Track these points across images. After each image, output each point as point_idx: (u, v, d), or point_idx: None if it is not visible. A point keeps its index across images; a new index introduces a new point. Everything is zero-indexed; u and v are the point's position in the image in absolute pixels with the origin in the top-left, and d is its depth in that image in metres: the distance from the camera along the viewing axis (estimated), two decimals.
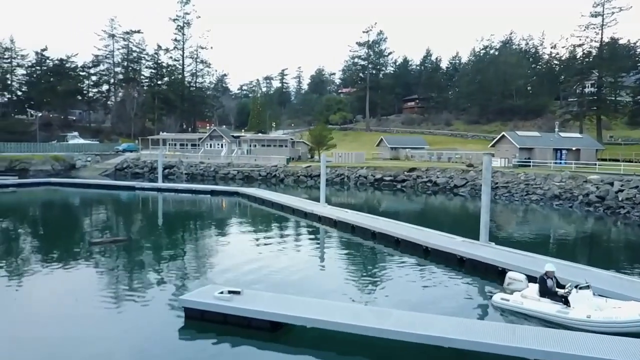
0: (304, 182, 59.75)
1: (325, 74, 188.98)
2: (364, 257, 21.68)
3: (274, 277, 17.43)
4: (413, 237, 21.76)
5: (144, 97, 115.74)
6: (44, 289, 16.06)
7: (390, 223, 25.41)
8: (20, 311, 13.76)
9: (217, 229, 28.44)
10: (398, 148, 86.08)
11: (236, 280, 16.58)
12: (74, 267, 18.59)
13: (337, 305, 12.59)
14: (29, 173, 67.05)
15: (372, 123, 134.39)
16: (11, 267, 18.99)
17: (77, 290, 15.83)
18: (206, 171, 67.23)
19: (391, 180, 56.89)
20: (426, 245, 20.76)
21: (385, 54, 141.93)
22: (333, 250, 23.17)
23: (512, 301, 13.93)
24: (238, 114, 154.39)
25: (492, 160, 56.34)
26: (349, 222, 26.42)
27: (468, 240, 20.93)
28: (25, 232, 27.61)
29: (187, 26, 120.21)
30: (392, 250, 21.97)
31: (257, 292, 13.43)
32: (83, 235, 25.39)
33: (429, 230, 23.26)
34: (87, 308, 13.94)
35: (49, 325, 12.68)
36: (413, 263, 19.71)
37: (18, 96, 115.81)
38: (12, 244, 24.49)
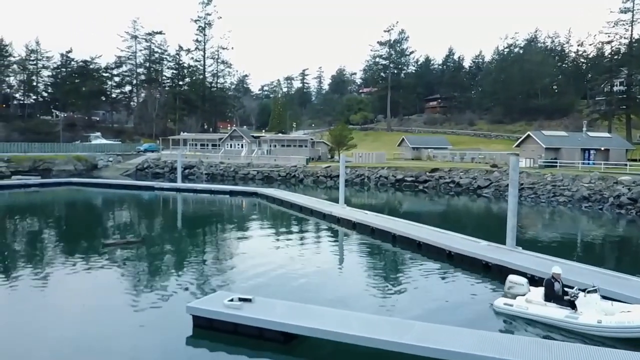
0: (324, 183, 59.01)
1: (346, 74, 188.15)
2: (383, 261, 20.82)
3: (288, 282, 16.71)
4: (435, 241, 20.81)
5: (166, 97, 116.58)
6: (50, 292, 15.64)
7: (412, 226, 24.48)
8: (22, 313, 13.30)
9: (233, 231, 27.86)
10: (420, 148, 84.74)
11: (248, 285, 15.94)
12: (85, 269, 18.16)
13: (355, 315, 11.78)
14: (52, 173, 67.73)
15: (394, 123, 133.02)
16: (20, 267, 18.70)
17: (84, 293, 15.38)
18: (226, 171, 67.00)
19: (413, 181, 55.76)
20: (449, 250, 19.81)
21: (407, 53, 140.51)
22: (351, 254, 22.37)
23: (515, 306, 13.29)
24: (259, 115, 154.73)
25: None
26: (369, 224, 25.57)
27: (494, 244, 19.91)
28: (40, 232, 27.46)
29: (208, 27, 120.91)
30: (413, 255, 21.06)
31: (269, 300, 12.69)
32: (98, 236, 25.04)
33: (452, 234, 22.28)
34: (93, 313, 13.41)
35: (50, 330, 12.16)
36: (435, 268, 18.78)
37: (43, 97, 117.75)
38: (25, 243, 24.31)
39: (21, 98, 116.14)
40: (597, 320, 11.69)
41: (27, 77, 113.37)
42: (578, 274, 15.15)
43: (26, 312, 13.46)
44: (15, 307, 14.02)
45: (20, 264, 19.31)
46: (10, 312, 13.59)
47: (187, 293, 15.06)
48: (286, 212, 34.66)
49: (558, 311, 12.54)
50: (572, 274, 15.08)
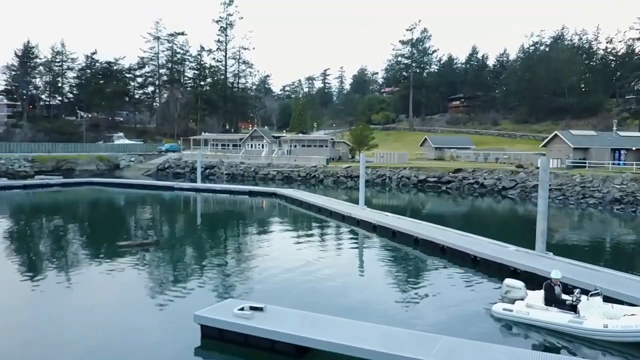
0: (344, 183, 58.14)
1: (367, 74, 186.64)
2: (405, 267, 19.84)
3: (303, 289, 15.85)
4: (460, 245, 19.77)
5: (187, 98, 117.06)
6: (54, 296, 15.10)
7: (435, 229, 23.45)
8: (24, 316, 12.80)
9: (250, 233, 27.23)
10: (443, 148, 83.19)
11: (261, 291, 15.20)
12: (95, 271, 17.69)
13: (374, 328, 10.91)
14: (75, 173, 68.38)
15: (416, 123, 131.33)
16: (27, 268, 18.45)
17: (92, 295, 14.86)
18: (246, 171, 66.65)
19: (435, 182, 54.48)
20: (475, 255, 18.77)
21: (430, 52, 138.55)
22: (371, 258, 21.42)
23: (516, 311, 12.75)
24: (280, 115, 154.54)
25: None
26: (390, 227, 24.60)
27: (522, 249, 18.81)
28: (55, 231, 27.24)
29: (229, 27, 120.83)
30: (437, 259, 20.05)
31: (282, 309, 11.89)
32: (113, 237, 24.59)
33: (478, 238, 21.19)
34: (99, 317, 12.83)
35: (50, 336, 11.60)
36: (461, 275, 17.75)
37: (68, 98, 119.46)
38: (39, 242, 24.13)
39: (47, 99, 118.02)
40: (603, 325, 11.33)
41: (52, 78, 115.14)
42: (608, 283, 14.01)
43: (26, 317, 12.95)
44: (17, 311, 13.54)
45: (29, 264, 19.02)
46: (12, 315, 13.10)
47: (196, 300, 14.27)
48: (305, 213, 33.90)
49: (561, 316, 12.08)
50: (604, 282, 14.00)
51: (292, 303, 13.14)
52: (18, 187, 47.76)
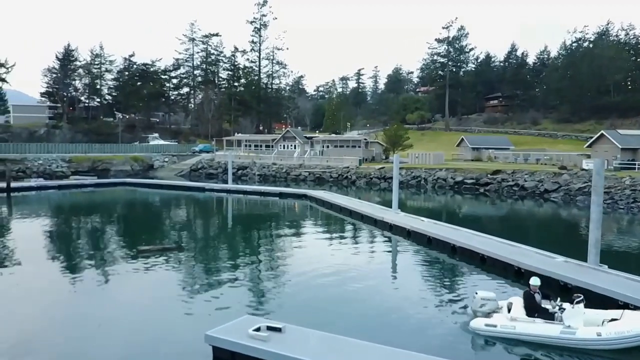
0: (377, 185, 56.61)
1: (402, 73, 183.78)
2: (442, 278, 18.18)
3: (328, 306, 14.39)
4: (502, 255, 18.13)
5: (221, 98, 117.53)
6: (62, 304, 14.41)
7: (474, 236, 21.79)
8: (26, 321, 12.04)
9: (276, 240, 25.94)
10: (480, 149, 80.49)
11: (281, 307, 14.00)
12: (109, 278, 17.02)
13: (407, 355, 9.57)
14: (110, 173, 69.17)
15: (452, 122, 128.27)
16: (43, 269, 18.11)
17: (104, 306, 14.04)
18: (278, 172, 65.91)
19: (473, 184, 52.30)
20: (519, 266, 17.13)
21: (467, 50, 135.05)
22: (405, 268, 19.91)
23: (500, 326, 11.71)
24: (313, 115, 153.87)
25: (589, 162, 50.15)
26: (425, 233, 23.08)
27: (572, 260, 17.07)
28: (80, 233, 26.95)
29: (263, 28, 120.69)
30: (476, 270, 18.49)
31: (303, 329, 10.63)
32: (135, 240, 24.03)
33: (521, 246, 19.48)
34: (108, 334, 11.94)
35: (50, 347, 10.77)
36: (503, 289, 16.10)
37: (106, 100, 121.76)
38: (60, 244, 23.69)
39: (86, 101, 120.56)
40: (596, 334, 10.96)
41: (91, 80, 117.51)
42: None
43: (27, 326, 12.19)
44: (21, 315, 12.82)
45: (44, 267, 18.51)
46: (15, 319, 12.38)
47: (209, 315, 13.16)
48: (335, 217, 32.67)
49: (551, 327, 11.37)
50: None
51: (315, 322, 11.83)
52: (53, 188, 48.29)
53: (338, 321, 12.72)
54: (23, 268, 18.31)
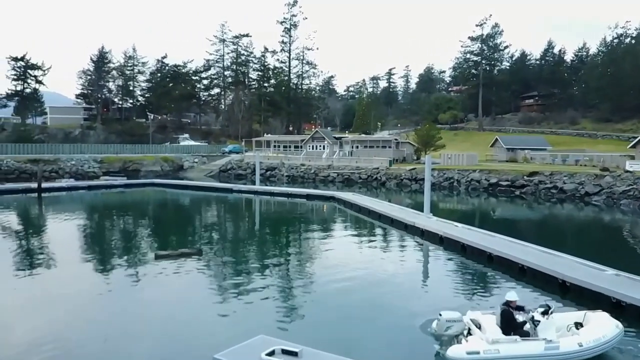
0: (408, 186, 55.03)
1: (434, 72, 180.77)
2: (478, 291, 16.69)
3: (353, 323, 13.10)
4: (544, 267, 16.63)
5: (251, 99, 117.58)
6: (74, 311, 13.72)
7: (512, 244, 20.26)
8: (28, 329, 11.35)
9: (301, 245, 24.84)
10: (515, 149, 77.72)
11: (301, 325, 12.87)
12: (122, 286, 16.29)
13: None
14: (140, 173, 69.66)
15: (486, 122, 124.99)
16: (56, 271, 17.89)
17: (113, 315, 13.31)
18: (306, 173, 65.03)
19: (508, 186, 50.23)
20: (563, 279, 15.62)
21: (501, 48, 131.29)
22: (437, 279, 18.49)
23: (483, 352, 10.48)
24: (344, 115, 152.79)
25: (633, 164, 47.53)
26: (459, 240, 21.67)
27: (624, 274, 15.48)
28: (102, 235, 26.55)
29: (293, 28, 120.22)
30: (515, 282, 17.04)
31: (322, 354, 9.53)
32: (156, 243, 23.44)
33: (565, 257, 17.91)
34: (113, 351, 11.14)
35: None
36: (548, 303, 14.68)
37: (139, 101, 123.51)
38: (80, 245, 23.29)
39: (119, 102, 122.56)
40: (577, 344, 10.78)
41: (124, 82, 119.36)
42: None
43: (26, 332, 11.49)
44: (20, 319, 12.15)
45: (53, 269, 18.14)
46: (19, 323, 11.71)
47: (220, 333, 12.14)
48: (363, 221, 31.46)
49: (535, 345, 10.73)
50: None
51: (338, 344, 10.71)
52: (83, 188, 48.61)
53: (363, 343, 11.56)
54: (38, 270, 17.87)
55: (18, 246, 23.01)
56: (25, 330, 12.36)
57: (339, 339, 11.58)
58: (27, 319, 13.16)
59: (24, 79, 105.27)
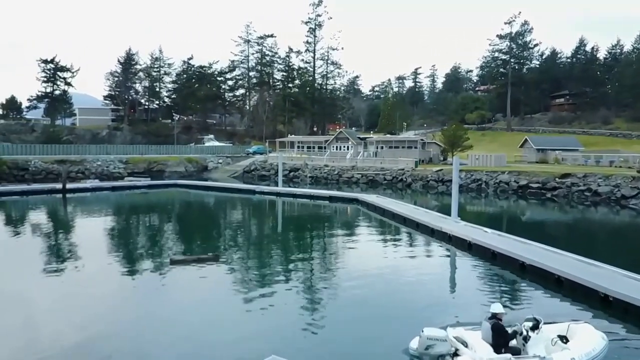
0: (434, 188, 53.63)
1: (461, 71, 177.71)
2: (509, 302, 15.33)
3: (371, 346, 11.93)
4: (584, 279, 15.32)
5: (276, 100, 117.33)
6: (82, 317, 13.08)
7: (547, 252, 18.93)
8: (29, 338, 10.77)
9: (321, 252, 23.66)
10: (546, 150, 75.39)
11: (315, 346, 11.89)
12: (133, 293, 15.67)
13: None
14: (165, 174, 69.91)
15: (514, 122, 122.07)
16: (69, 273, 17.52)
17: (121, 326, 12.66)
18: (330, 174, 64.15)
19: (539, 188, 48.41)
20: (605, 292, 14.32)
21: (531, 46, 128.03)
22: (465, 289, 17.29)
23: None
24: (368, 115, 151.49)
25: None
26: (489, 247, 20.42)
27: None
28: (121, 237, 26.20)
29: (318, 28, 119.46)
30: (550, 293, 15.83)
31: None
32: (173, 247, 22.83)
33: (606, 267, 16.57)
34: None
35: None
36: (588, 319, 13.48)
37: (165, 102, 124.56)
38: (95, 247, 22.92)
39: (146, 103, 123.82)
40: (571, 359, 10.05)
41: (150, 83, 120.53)
42: None
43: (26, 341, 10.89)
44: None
45: (64, 272, 17.68)
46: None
47: (229, 352, 11.33)
48: (387, 224, 30.38)
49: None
50: None
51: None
52: (107, 189, 48.72)
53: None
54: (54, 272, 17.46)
55: (38, 247, 22.85)
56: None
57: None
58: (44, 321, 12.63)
59: (54, 81, 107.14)
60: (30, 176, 58.95)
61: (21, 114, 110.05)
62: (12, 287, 16.19)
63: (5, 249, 22.53)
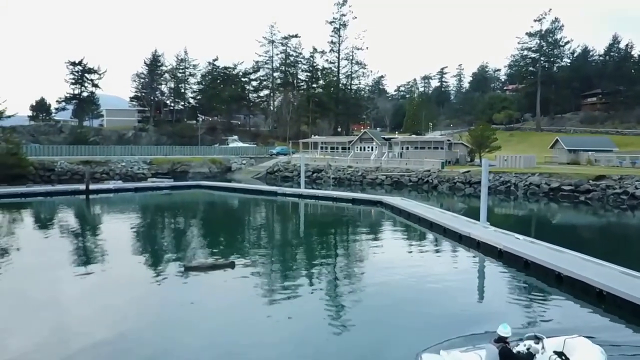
0: (461, 190, 52.02)
1: (488, 70, 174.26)
2: (544, 316, 14.19)
3: (386, 346, 11.31)
4: (629, 293, 13.92)
5: (300, 100, 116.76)
6: (89, 324, 12.40)
7: (587, 262, 17.47)
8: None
9: (342, 259, 22.40)
10: (578, 151, 72.81)
11: (335, 351, 11.23)
12: (137, 308, 14.73)
13: None
14: (189, 175, 69.92)
15: (544, 122, 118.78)
16: (81, 276, 17.21)
17: (144, 330, 11.92)
18: (353, 176, 63.05)
19: (571, 191, 46.42)
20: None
21: (561, 43, 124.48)
22: (493, 298, 16.16)
23: None
24: (394, 116, 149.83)
25: None
26: (521, 256, 19.06)
27: None
28: (133, 242, 25.62)
29: (343, 28, 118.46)
30: (591, 308, 14.51)
31: None
32: (190, 252, 22.11)
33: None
34: None
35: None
36: (633, 340, 12.21)
37: (190, 103, 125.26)
38: (112, 248, 22.58)
39: (171, 104, 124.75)
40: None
41: (176, 84, 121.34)
42: None
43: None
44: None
45: (78, 276, 17.06)
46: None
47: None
48: (412, 229, 29.16)
49: None
50: None
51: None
52: (129, 190, 48.68)
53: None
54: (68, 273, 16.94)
55: (58, 249, 22.57)
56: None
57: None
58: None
59: (81, 82, 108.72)
60: (56, 177, 59.48)
61: (50, 116, 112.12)
62: (27, 288, 15.92)
63: (24, 251, 22.33)
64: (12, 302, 14.80)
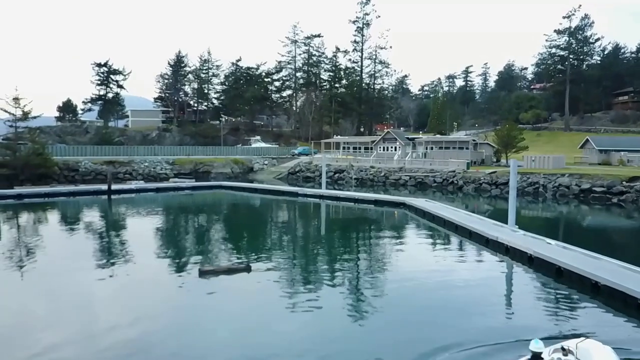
0: (487, 191, 50.59)
1: (515, 69, 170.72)
2: (579, 329, 13.03)
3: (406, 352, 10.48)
4: None
5: (322, 100, 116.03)
6: (93, 329, 11.92)
7: (626, 271, 16.23)
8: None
9: (366, 259, 21.86)
10: (609, 151, 70.39)
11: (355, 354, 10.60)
12: (153, 311, 14.24)
13: None
14: (211, 175, 69.93)
15: (572, 122, 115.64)
16: (101, 276, 16.92)
17: (163, 331, 11.35)
18: (376, 176, 62.05)
19: (603, 192, 44.64)
20: None
21: (591, 41, 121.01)
22: (523, 307, 15.09)
23: None
24: (417, 115, 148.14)
25: None
26: (553, 262, 17.94)
27: None
28: (150, 243, 25.10)
29: (366, 27, 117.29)
30: (633, 320, 13.45)
31: None
32: (206, 255, 21.56)
33: None
34: None
35: None
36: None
37: (213, 104, 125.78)
38: (132, 249, 22.32)
39: (194, 105, 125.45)
40: None
41: (199, 85, 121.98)
42: None
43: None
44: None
45: (89, 278, 16.56)
46: None
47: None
48: (437, 232, 28.12)
49: None
50: None
51: None
52: (151, 190, 48.71)
53: None
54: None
55: (79, 249, 22.46)
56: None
57: None
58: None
59: (107, 83, 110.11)
60: (80, 177, 60.03)
61: (76, 116, 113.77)
62: (55, 289, 15.90)
63: (48, 251, 22.39)
64: (39, 301, 15.13)
